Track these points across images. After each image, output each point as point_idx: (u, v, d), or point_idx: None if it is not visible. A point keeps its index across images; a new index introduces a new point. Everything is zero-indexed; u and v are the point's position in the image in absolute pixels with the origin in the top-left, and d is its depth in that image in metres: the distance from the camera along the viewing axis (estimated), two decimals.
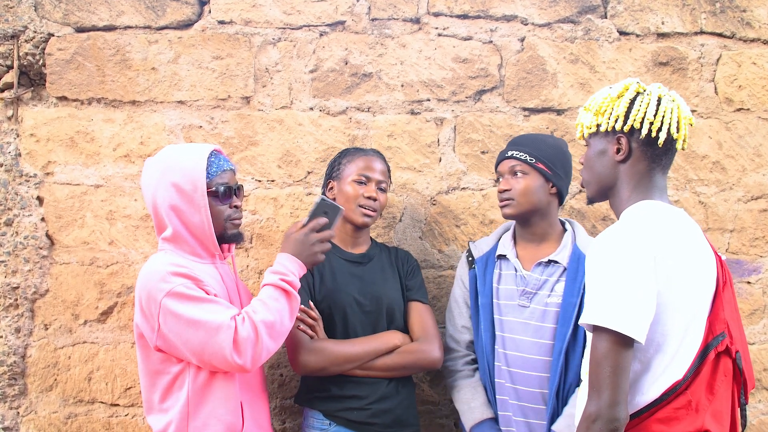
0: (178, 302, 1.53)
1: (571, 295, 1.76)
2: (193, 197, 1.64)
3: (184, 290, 1.53)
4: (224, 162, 1.74)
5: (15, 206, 2.27)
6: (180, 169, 1.66)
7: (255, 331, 1.52)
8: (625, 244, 1.30)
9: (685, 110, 1.43)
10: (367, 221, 1.93)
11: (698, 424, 1.28)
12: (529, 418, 1.79)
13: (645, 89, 1.43)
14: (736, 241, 2.32)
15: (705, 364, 1.31)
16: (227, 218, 1.72)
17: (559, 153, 1.86)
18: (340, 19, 2.29)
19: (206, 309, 1.53)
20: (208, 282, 1.61)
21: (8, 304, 2.27)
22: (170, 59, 2.28)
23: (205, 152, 1.70)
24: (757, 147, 2.31)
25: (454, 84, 2.30)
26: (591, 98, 1.51)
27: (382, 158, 2.01)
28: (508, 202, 1.85)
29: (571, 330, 1.72)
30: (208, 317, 1.51)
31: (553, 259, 1.82)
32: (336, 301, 1.87)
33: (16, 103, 2.30)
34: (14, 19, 2.27)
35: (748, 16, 2.32)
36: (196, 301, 1.53)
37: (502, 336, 1.84)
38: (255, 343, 1.51)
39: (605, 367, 1.24)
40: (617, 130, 1.43)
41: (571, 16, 2.30)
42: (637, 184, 1.43)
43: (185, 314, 1.51)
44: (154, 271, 1.58)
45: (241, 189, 1.78)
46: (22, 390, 2.28)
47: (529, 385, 1.78)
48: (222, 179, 1.71)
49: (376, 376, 1.85)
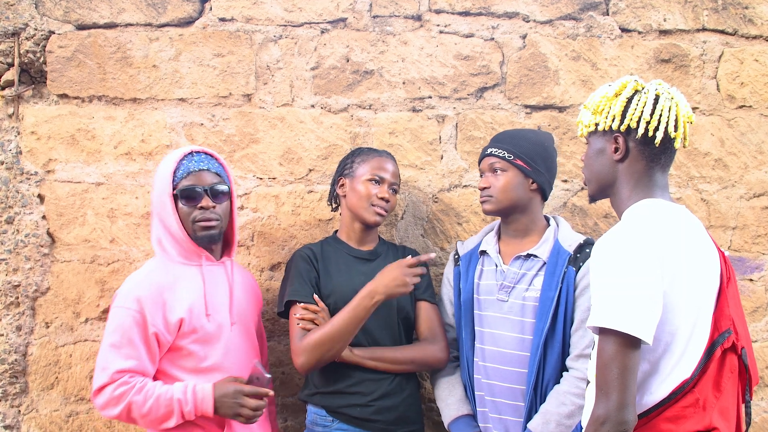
0: (112, 320, 1.67)
1: (549, 289, 1.75)
2: (164, 201, 1.72)
3: (122, 315, 1.65)
4: (196, 163, 1.75)
5: (16, 204, 2.27)
6: (158, 174, 1.75)
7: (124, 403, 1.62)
8: (629, 245, 1.29)
9: (684, 108, 1.41)
10: (378, 220, 1.94)
11: (706, 421, 1.27)
12: (505, 414, 1.78)
13: (643, 87, 1.41)
14: (738, 238, 2.31)
15: (712, 361, 1.30)
16: (192, 220, 1.74)
17: (539, 148, 1.85)
18: (342, 17, 2.29)
19: (116, 344, 1.64)
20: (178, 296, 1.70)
21: (9, 302, 2.26)
22: (171, 57, 2.27)
23: (179, 155, 1.75)
24: (760, 144, 2.31)
25: (456, 81, 2.29)
26: (590, 96, 1.50)
27: (394, 160, 2.03)
28: (487, 198, 1.85)
29: (548, 325, 1.72)
30: (109, 353, 1.64)
31: (533, 253, 1.82)
32: (343, 297, 1.87)
33: (17, 100, 2.30)
34: (15, 16, 2.27)
35: (750, 13, 2.31)
36: (117, 333, 1.65)
37: (481, 331, 1.85)
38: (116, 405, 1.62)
39: (613, 369, 1.23)
40: (614, 129, 1.42)
41: (573, 13, 2.30)
42: (636, 183, 1.42)
43: (107, 331, 1.68)
44: (131, 279, 1.74)
45: (225, 190, 1.79)
46: (24, 388, 2.28)
47: (505, 381, 1.78)
48: (188, 181, 1.73)
49: (384, 369, 1.85)
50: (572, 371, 1.70)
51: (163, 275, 1.72)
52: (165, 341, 1.67)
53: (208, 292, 1.75)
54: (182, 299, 1.70)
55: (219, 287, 1.80)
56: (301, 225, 2.28)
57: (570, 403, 1.65)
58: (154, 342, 1.65)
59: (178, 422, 1.64)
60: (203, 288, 1.74)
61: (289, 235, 2.28)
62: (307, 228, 2.28)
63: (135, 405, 1.61)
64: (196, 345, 1.70)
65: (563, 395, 1.67)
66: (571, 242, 1.80)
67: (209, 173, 1.76)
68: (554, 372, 1.73)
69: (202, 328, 1.71)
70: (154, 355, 1.66)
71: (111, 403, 1.61)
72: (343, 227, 2.04)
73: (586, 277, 1.71)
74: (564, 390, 1.68)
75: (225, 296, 1.80)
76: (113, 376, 1.61)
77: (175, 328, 1.68)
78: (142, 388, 1.61)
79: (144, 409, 1.61)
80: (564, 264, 1.75)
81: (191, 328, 1.69)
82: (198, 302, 1.72)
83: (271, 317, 2.26)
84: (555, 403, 1.68)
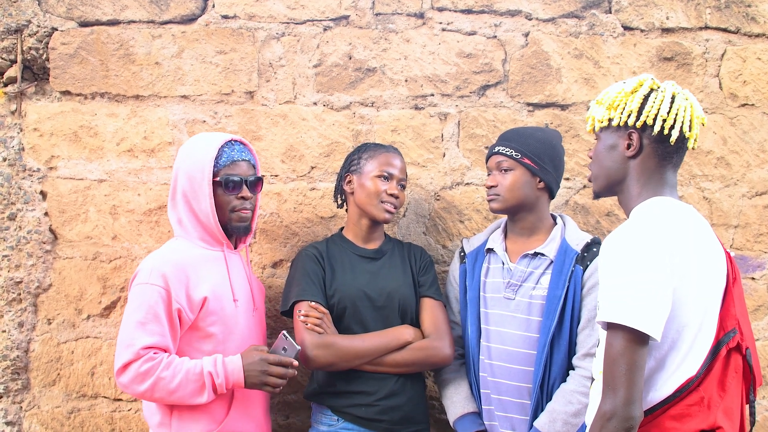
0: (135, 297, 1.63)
1: (556, 287, 1.75)
2: (200, 185, 1.68)
3: (147, 291, 1.61)
4: (238, 153, 1.76)
5: (18, 201, 2.27)
6: (193, 157, 1.71)
7: (151, 379, 1.57)
8: (639, 242, 1.29)
9: (698, 110, 1.42)
10: (388, 217, 1.93)
11: (710, 420, 1.27)
12: (511, 412, 1.78)
13: (659, 86, 1.42)
14: (740, 236, 2.31)
15: (717, 360, 1.30)
16: (231, 209, 1.74)
17: (547, 147, 1.85)
18: (344, 14, 2.29)
19: (141, 320, 1.60)
20: (201, 276, 1.68)
21: (11, 298, 2.26)
22: (174, 54, 2.27)
23: (219, 141, 1.74)
24: (762, 142, 2.31)
25: (458, 79, 2.29)
26: (604, 92, 1.50)
27: (401, 155, 2.02)
28: (494, 197, 1.85)
29: (555, 323, 1.72)
30: (134, 330, 1.59)
31: (540, 252, 1.82)
32: (346, 296, 1.87)
33: (20, 97, 2.30)
34: (18, 13, 2.27)
35: (753, 11, 2.31)
36: (142, 309, 1.61)
37: (487, 329, 1.84)
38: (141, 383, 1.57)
39: (621, 365, 1.23)
40: (629, 125, 1.42)
41: (575, 11, 2.30)
42: (647, 181, 1.42)
43: (129, 309, 1.63)
44: (153, 257, 1.70)
45: (258, 182, 1.80)
46: (25, 385, 2.28)
47: (511, 379, 1.77)
48: (231, 170, 1.73)
49: (386, 372, 1.84)
50: (579, 370, 1.70)
51: (186, 254, 1.71)
52: (186, 319, 1.65)
53: (231, 278, 1.76)
54: (205, 279, 1.69)
55: (239, 274, 1.81)
56: (303, 222, 2.28)
57: (577, 401, 1.65)
58: (177, 319, 1.63)
59: (209, 398, 1.61)
60: (227, 272, 1.75)
61: (291, 232, 2.28)
62: (309, 225, 2.29)
63: (163, 381, 1.56)
64: (216, 327, 1.69)
65: (570, 394, 1.67)
66: (579, 241, 1.80)
67: (248, 164, 1.79)
68: (561, 370, 1.73)
69: (222, 310, 1.70)
70: (176, 333, 1.64)
71: (137, 380, 1.56)
72: (349, 224, 2.02)
73: (594, 276, 1.71)
74: (571, 389, 1.68)
75: (244, 283, 1.81)
76: (139, 352, 1.57)
77: (198, 307, 1.66)
78: (170, 364, 1.58)
79: (172, 384, 1.57)
80: (571, 263, 1.75)
81: (213, 309, 1.68)
82: (221, 285, 1.72)
83: (272, 315, 2.26)
84: (562, 401, 1.68)
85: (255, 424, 1.78)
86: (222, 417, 1.68)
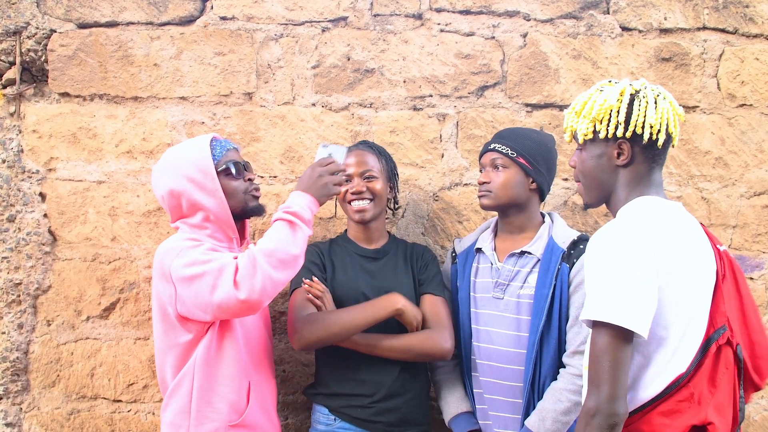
0: (186, 263, 1.58)
1: (543, 286, 1.75)
2: (205, 184, 1.68)
3: (187, 246, 1.60)
4: (225, 143, 1.80)
5: (17, 202, 2.27)
6: (188, 161, 1.71)
7: (252, 261, 1.52)
8: (623, 239, 1.30)
9: (678, 107, 1.43)
10: (358, 218, 1.93)
11: (701, 416, 1.28)
12: (504, 411, 1.79)
13: (638, 90, 1.42)
14: (738, 237, 2.32)
15: (707, 357, 1.31)
16: (245, 191, 1.77)
17: (542, 149, 1.85)
18: (343, 15, 2.29)
19: (211, 257, 1.57)
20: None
21: (11, 300, 2.27)
22: (172, 55, 2.28)
23: (206, 140, 1.76)
24: (760, 143, 2.31)
25: (457, 80, 2.29)
26: (581, 101, 1.47)
27: (362, 150, 1.98)
28: (486, 193, 1.85)
29: (543, 321, 1.72)
30: (212, 265, 1.55)
31: (526, 251, 1.82)
32: (344, 295, 1.87)
33: (19, 99, 2.30)
34: (16, 15, 2.27)
35: (750, 11, 2.31)
36: (201, 256, 1.57)
37: (477, 329, 1.85)
38: (253, 273, 1.51)
39: (604, 362, 1.24)
40: (618, 136, 1.42)
41: (573, 12, 2.30)
42: (636, 185, 1.43)
43: (192, 271, 1.56)
44: (171, 240, 1.68)
45: (248, 165, 1.84)
46: (25, 386, 2.29)
47: (503, 378, 1.78)
48: (229, 157, 1.76)
49: (381, 356, 1.81)
50: (569, 368, 1.70)
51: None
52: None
53: None
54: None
55: None
56: None
57: (566, 399, 1.66)
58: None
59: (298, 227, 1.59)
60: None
61: None
62: None
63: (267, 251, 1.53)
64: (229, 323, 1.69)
65: (560, 392, 1.68)
66: (565, 239, 1.80)
67: (237, 152, 1.82)
68: (551, 369, 1.73)
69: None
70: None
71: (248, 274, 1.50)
72: (349, 226, 2.06)
73: (580, 273, 1.71)
74: (560, 387, 1.68)
75: None
76: (231, 262, 1.55)
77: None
78: (258, 244, 1.57)
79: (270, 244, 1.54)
80: (558, 261, 1.76)
81: None
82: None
83: (272, 315, 2.26)
84: (551, 400, 1.68)
85: (268, 418, 1.79)
86: (243, 408, 1.68)
